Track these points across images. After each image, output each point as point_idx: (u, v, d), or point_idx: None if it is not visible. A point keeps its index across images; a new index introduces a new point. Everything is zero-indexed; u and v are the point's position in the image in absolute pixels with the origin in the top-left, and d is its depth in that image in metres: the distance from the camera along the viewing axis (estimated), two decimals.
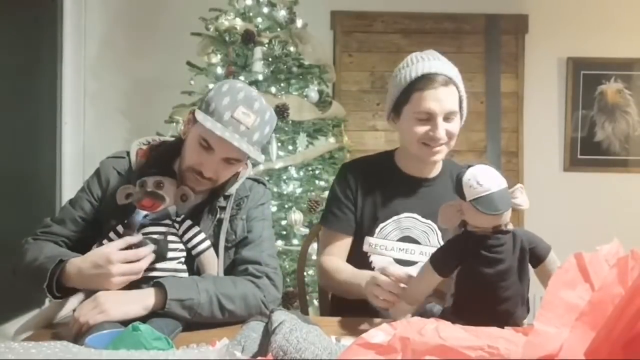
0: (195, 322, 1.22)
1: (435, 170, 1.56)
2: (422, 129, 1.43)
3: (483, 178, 1.07)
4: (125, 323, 1.09)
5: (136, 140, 1.44)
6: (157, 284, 1.21)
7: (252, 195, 1.44)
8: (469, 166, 1.10)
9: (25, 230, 1.41)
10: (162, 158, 1.37)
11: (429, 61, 1.44)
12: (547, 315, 0.60)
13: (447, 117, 1.43)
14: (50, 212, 2.91)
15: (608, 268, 0.64)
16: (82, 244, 1.32)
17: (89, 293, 1.22)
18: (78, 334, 1.11)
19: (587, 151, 3.61)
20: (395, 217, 1.51)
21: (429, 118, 1.43)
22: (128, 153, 1.41)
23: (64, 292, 1.23)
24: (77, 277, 1.21)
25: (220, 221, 1.38)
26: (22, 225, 1.43)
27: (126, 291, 1.21)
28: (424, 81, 1.42)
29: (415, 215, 1.50)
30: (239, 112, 1.27)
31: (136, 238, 1.24)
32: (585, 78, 3.59)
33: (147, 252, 1.23)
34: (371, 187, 1.53)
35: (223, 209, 1.39)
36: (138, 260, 1.22)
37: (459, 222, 1.12)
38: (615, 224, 3.32)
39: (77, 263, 1.21)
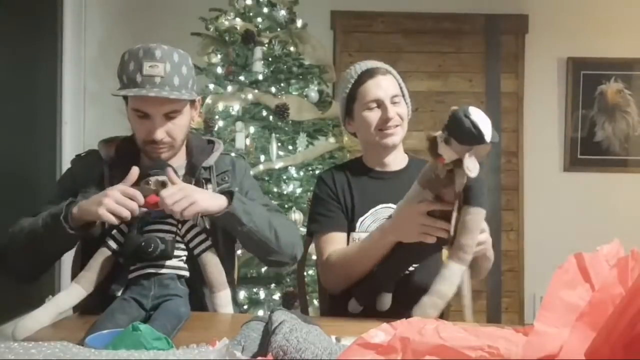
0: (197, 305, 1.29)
1: (401, 163, 1.65)
2: (375, 116, 1.55)
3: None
4: (126, 323, 1.09)
5: (99, 141, 1.50)
6: (224, 192, 1.36)
7: (238, 168, 1.53)
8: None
9: None
10: (131, 146, 1.44)
11: (365, 63, 1.62)
12: (547, 315, 0.60)
13: (394, 102, 1.56)
14: None
15: (608, 268, 0.64)
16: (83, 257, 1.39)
17: (89, 288, 1.25)
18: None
19: (587, 151, 3.62)
20: (372, 210, 1.57)
21: (378, 105, 1.55)
22: (95, 149, 1.48)
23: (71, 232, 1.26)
24: (78, 209, 1.26)
25: None
26: None
27: (202, 189, 1.36)
28: (365, 76, 1.57)
29: (390, 204, 1.54)
30: (146, 68, 1.33)
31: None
32: (585, 78, 3.59)
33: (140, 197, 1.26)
34: (347, 187, 1.61)
35: (208, 181, 1.45)
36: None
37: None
38: (615, 224, 3.32)
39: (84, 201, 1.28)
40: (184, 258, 1.33)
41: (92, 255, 1.30)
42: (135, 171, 1.29)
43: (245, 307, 2.46)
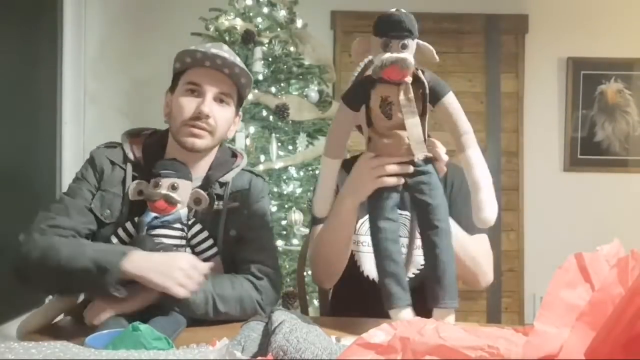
0: (192, 319, 1.21)
1: None
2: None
3: None
4: (126, 323, 1.09)
5: (124, 132, 1.40)
6: None
7: (252, 189, 1.41)
8: None
9: (24, 230, 1.40)
10: (156, 146, 1.37)
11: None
12: (547, 315, 0.60)
13: None
14: None
15: (608, 268, 0.64)
16: (90, 237, 1.29)
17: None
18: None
19: (587, 151, 3.62)
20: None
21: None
22: (118, 143, 1.38)
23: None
24: (141, 270, 1.15)
25: (217, 212, 1.36)
26: (22, 225, 1.42)
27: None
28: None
29: None
30: (212, 50, 1.32)
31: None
32: (585, 78, 3.59)
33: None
34: None
35: (220, 197, 1.37)
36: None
37: None
38: (616, 224, 3.32)
39: (145, 258, 1.17)
40: None
41: None
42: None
43: None
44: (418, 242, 1.37)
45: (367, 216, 1.42)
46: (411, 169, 1.13)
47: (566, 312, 0.60)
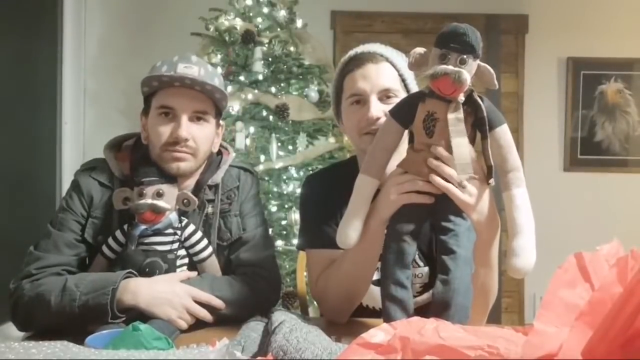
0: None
1: None
2: (357, 115, 1.24)
3: None
4: (125, 323, 1.09)
5: (105, 146, 1.35)
6: None
7: (242, 185, 1.38)
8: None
9: (24, 230, 1.39)
10: (143, 161, 1.30)
11: (360, 47, 1.33)
12: (547, 314, 0.60)
13: (384, 97, 1.24)
14: (50, 212, 2.91)
15: (608, 268, 0.64)
16: (81, 268, 1.27)
17: None
18: None
19: (587, 151, 3.62)
20: None
21: (360, 100, 1.25)
22: (102, 160, 1.33)
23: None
24: (138, 302, 1.14)
25: (208, 216, 1.33)
26: (22, 225, 1.42)
27: None
28: (352, 63, 1.28)
29: None
30: (181, 68, 1.25)
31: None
32: (585, 78, 3.59)
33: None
34: (344, 194, 1.18)
35: (211, 201, 1.33)
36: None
37: None
38: (615, 224, 3.32)
39: (142, 287, 1.16)
40: (185, 268, 1.28)
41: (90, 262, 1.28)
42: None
43: None
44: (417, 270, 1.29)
45: None
46: (437, 190, 1.04)
47: (566, 311, 0.60)
